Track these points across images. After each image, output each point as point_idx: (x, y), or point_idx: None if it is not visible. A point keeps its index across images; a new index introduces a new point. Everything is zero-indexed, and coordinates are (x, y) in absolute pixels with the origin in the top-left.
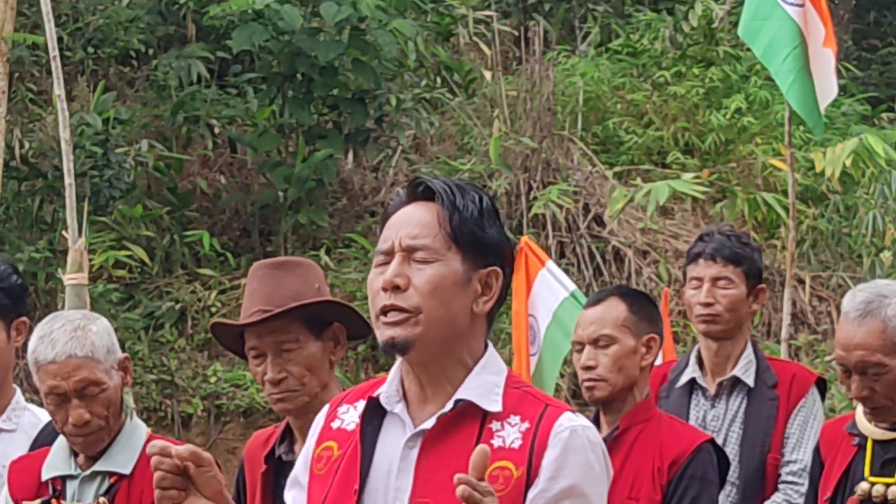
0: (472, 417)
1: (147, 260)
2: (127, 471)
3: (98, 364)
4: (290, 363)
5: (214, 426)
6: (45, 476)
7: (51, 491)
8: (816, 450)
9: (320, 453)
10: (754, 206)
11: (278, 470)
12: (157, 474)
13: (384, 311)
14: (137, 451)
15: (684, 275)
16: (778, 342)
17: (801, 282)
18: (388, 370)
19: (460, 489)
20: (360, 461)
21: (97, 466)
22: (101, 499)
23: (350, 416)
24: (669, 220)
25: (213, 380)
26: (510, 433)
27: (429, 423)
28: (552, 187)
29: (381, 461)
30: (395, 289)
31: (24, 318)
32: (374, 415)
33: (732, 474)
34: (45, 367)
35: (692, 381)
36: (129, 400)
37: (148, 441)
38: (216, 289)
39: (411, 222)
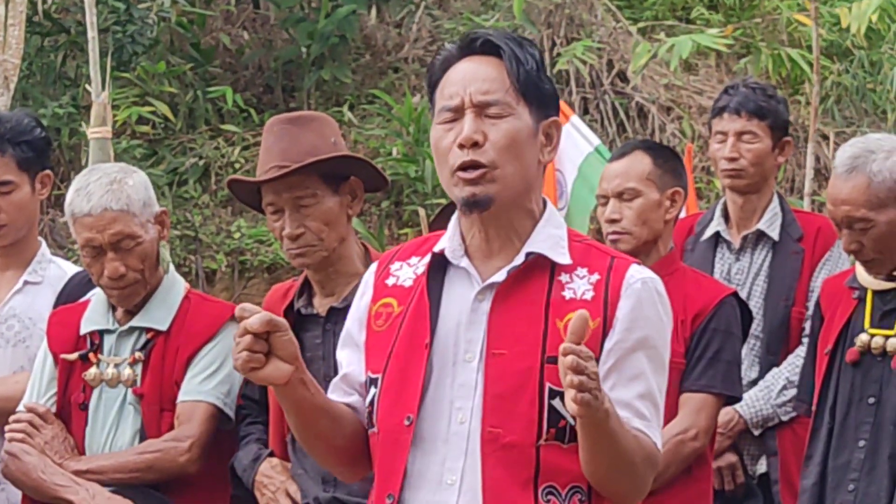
0: (541, 270)
1: (170, 116)
2: (164, 327)
3: (134, 217)
4: (308, 218)
5: (238, 282)
6: (83, 330)
7: (89, 345)
8: (817, 304)
9: (378, 310)
10: (778, 61)
11: (297, 323)
12: (247, 339)
13: (463, 167)
14: (175, 307)
15: (710, 129)
16: (801, 198)
17: (825, 137)
18: (411, 227)
19: (568, 360)
20: (429, 315)
21: (135, 322)
22: (138, 353)
23: (405, 273)
24: (693, 76)
25: (236, 236)
26: (580, 285)
27: (499, 276)
28: (576, 43)
29: (448, 314)
30: (474, 145)
31: (48, 171)
32: (437, 270)
33: (756, 328)
34: (81, 219)
35: (717, 235)
36: (166, 254)
37: (186, 296)
38: (239, 145)
39: (478, 77)
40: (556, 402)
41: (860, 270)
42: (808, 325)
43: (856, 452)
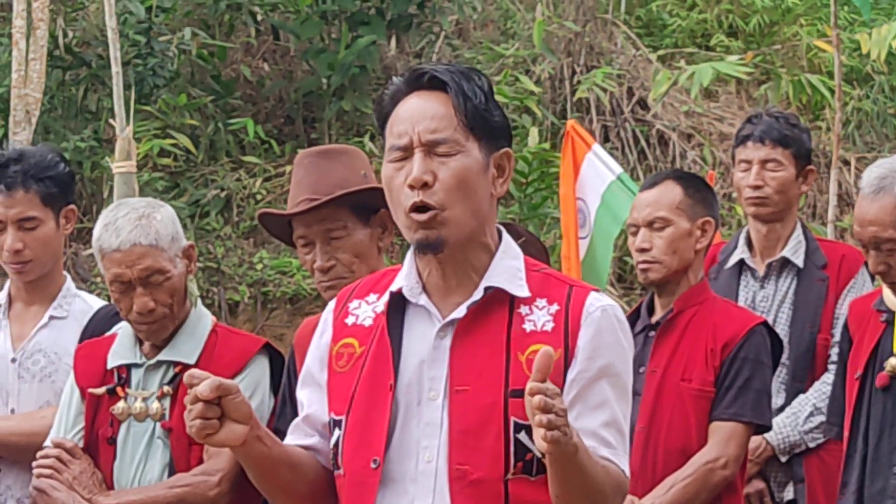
0: (500, 303)
1: (192, 148)
2: (192, 360)
3: (162, 252)
4: (339, 251)
5: (261, 313)
6: (110, 364)
7: (116, 379)
8: (845, 327)
9: (339, 350)
10: (799, 87)
11: None
12: (199, 407)
13: (414, 208)
14: (202, 341)
15: (733, 158)
16: (824, 224)
17: (847, 163)
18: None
19: (536, 399)
20: (391, 356)
21: (162, 355)
22: (166, 387)
23: (364, 312)
24: (714, 103)
25: (259, 267)
26: (540, 316)
27: (459, 313)
28: (596, 71)
29: (410, 354)
30: (424, 186)
31: (72, 206)
32: (397, 308)
33: (782, 355)
34: (110, 255)
35: (741, 263)
36: (194, 288)
37: (213, 329)
38: (261, 176)
39: (426, 115)
40: (522, 436)
41: (888, 293)
42: (833, 351)
43: (891, 479)
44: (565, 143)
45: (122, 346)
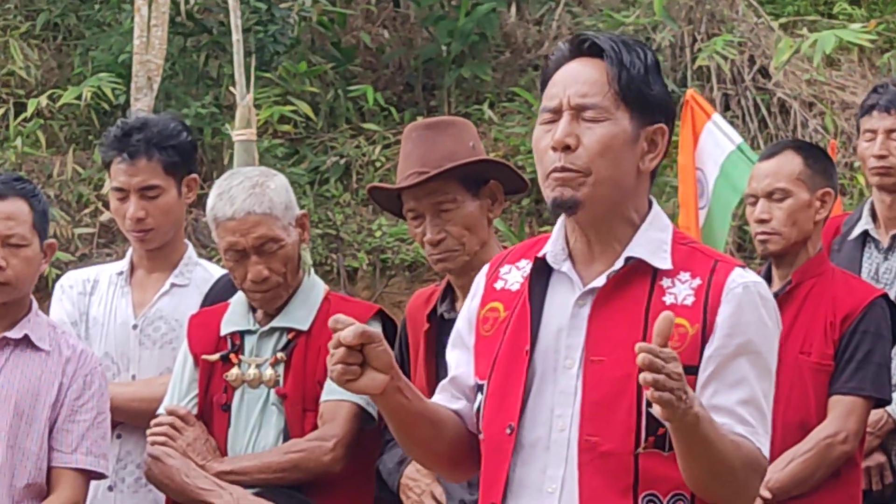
0: (642, 275)
1: (312, 115)
2: (305, 327)
3: (276, 221)
4: (449, 223)
5: (380, 280)
6: (224, 331)
7: (229, 345)
8: None
9: (486, 314)
10: None
11: (441, 328)
12: (341, 351)
13: (555, 171)
14: (316, 308)
15: (857, 128)
16: None
17: None
18: (552, 224)
19: (640, 357)
20: (530, 321)
21: (275, 322)
22: (280, 354)
23: (513, 277)
24: (836, 72)
25: (377, 234)
26: (681, 290)
27: (599, 282)
28: (717, 39)
29: (549, 320)
30: (566, 148)
31: (194, 175)
32: (541, 274)
33: None
34: (224, 223)
35: (865, 234)
36: (307, 256)
37: (326, 297)
38: (380, 143)
39: (579, 80)
40: (655, 410)
41: None
42: None
43: None
44: (684, 113)
45: (235, 314)
